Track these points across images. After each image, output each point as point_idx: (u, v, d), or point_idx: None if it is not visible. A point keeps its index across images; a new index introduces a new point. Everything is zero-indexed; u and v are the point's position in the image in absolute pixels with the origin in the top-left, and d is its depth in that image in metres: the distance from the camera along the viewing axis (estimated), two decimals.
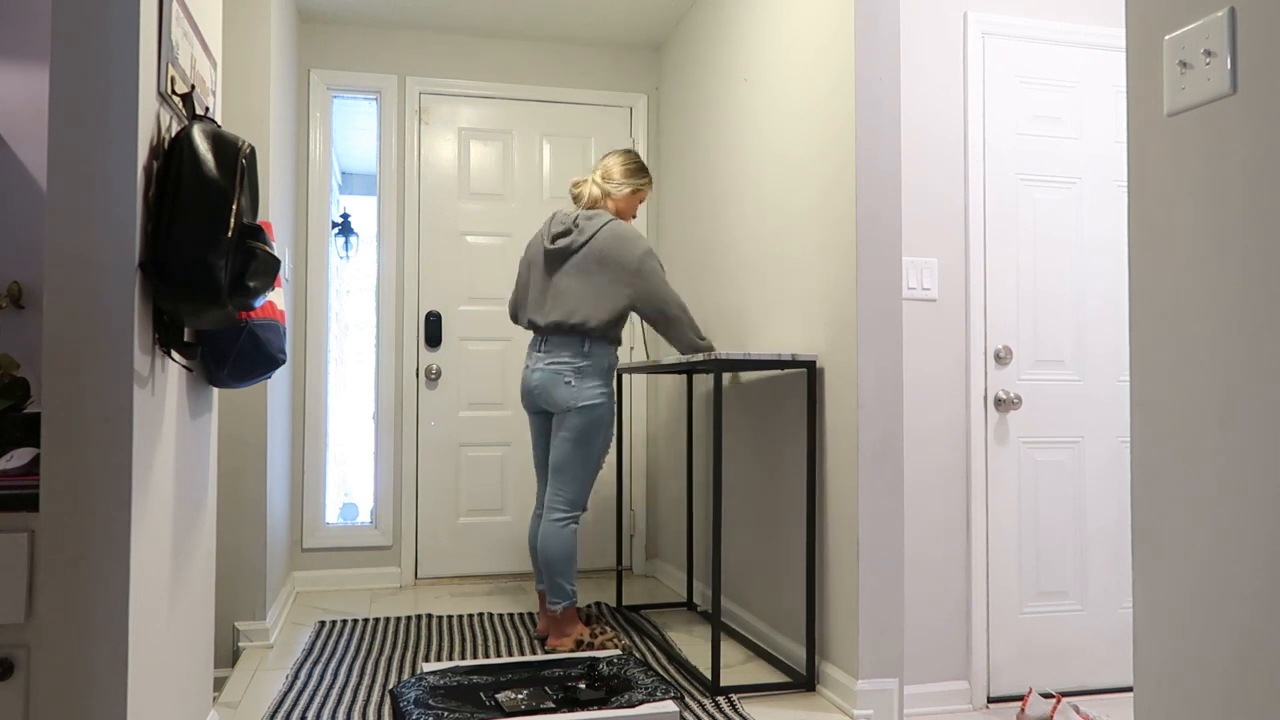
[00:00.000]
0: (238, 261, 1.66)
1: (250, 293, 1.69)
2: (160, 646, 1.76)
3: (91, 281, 1.50)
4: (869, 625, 2.55)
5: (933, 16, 2.87)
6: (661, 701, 2.52)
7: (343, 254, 5.99)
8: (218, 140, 1.68)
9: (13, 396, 1.77)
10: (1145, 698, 1.20)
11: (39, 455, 1.51)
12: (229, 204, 1.63)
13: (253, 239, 1.68)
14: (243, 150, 1.69)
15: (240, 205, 1.66)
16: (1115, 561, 2.97)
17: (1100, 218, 2.99)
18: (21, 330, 2.09)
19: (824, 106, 2.78)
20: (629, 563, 4.55)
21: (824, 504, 2.74)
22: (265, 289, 1.73)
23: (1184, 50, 1.13)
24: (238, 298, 1.67)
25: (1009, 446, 2.89)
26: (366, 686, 2.75)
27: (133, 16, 1.53)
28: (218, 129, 1.71)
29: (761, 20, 3.27)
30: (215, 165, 1.64)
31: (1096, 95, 3.00)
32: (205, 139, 1.66)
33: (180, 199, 1.60)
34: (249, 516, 3.17)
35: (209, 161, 1.63)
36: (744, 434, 3.35)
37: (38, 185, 2.11)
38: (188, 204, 1.60)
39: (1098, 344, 2.97)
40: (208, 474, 2.24)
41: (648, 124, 4.60)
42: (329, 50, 4.25)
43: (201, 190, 1.61)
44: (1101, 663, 2.95)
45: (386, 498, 4.26)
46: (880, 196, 2.61)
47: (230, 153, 1.67)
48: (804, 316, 2.90)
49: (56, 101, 1.50)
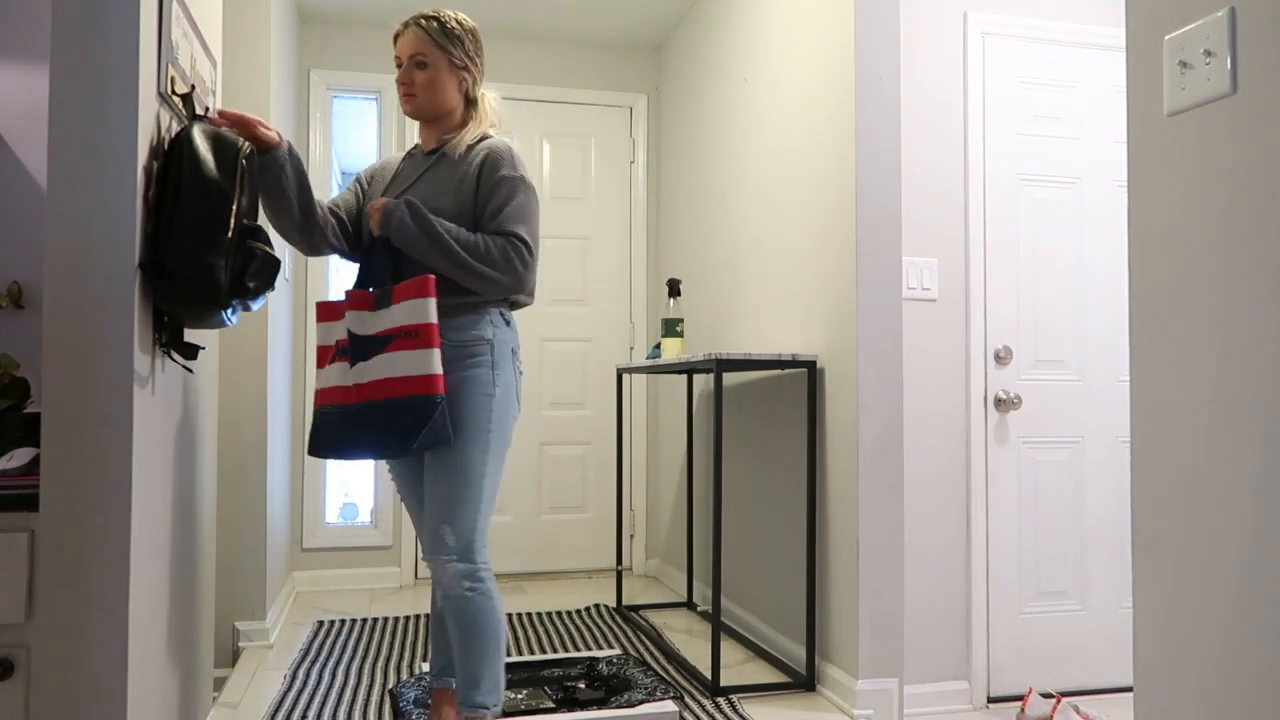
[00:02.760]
0: (238, 262, 1.66)
1: (250, 293, 1.69)
2: (160, 646, 1.76)
3: (91, 281, 1.50)
4: (869, 625, 2.55)
5: (933, 17, 2.87)
6: (661, 701, 2.52)
7: None
8: (218, 140, 1.68)
9: (13, 396, 1.77)
10: (1145, 698, 1.20)
11: (39, 455, 1.51)
12: (229, 204, 1.63)
13: (253, 239, 1.68)
14: (243, 150, 1.70)
15: (240, 205, 1.66)
16: (1115, 561, 2.97)
17: (1100, 218, 2.99)
18: (21, 330, 2.09)
19: (824, 106, 2.78)
20: (629, 563, 4.55)
21: (824, 504, 2.74)
22: (265, 289, 1.73)
23: (1184, 50, 1.13)
24: (237, 298, 1.68)
25: (1009, 446, 2.89)
26: (366, 686, 2.75)
27: (133, 16, 1.53)
28: (218, 129, 1.72)
29: (761, 21, 3.27)
30: (215, 166, 1.64)
31: (1096, 95, 3.00)
32: (205, 139, 1.66)
33: (180, 199, 1.60)
34: (249, 516, 3.17)
35: (209, 162, 1.63)
36: (744, 434, 3.35)
37: (38, 185, 2.11)
38: (188, 204, 1.60)
39: (1098, 344, 2.97)
40: (208, 474, 2.24)
41: (648, 124, 4.60)
42: (329, 50, 4.25)
43: (202, 190, 1.61)
44: (1101, 663, 2.95)
45: (386, 498, 4.26)
46: (880, 197, 2.61)
47: (230, 153, 1.67)
48: (804, 316, 2.90)
49: (56, 101, 1.49)
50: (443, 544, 1.95)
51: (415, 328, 1.88)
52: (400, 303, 1.91)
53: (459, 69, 2.11)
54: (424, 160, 2.15)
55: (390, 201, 1.98)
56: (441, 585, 1.97)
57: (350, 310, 1.97)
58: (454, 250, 1.95)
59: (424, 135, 2.19)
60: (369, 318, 1.95)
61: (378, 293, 1.96)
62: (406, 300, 1.91)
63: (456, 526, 1.94)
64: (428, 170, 2.11)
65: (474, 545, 1.96)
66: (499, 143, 2.09)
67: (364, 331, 1.95)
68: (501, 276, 1.99)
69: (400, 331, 1.90)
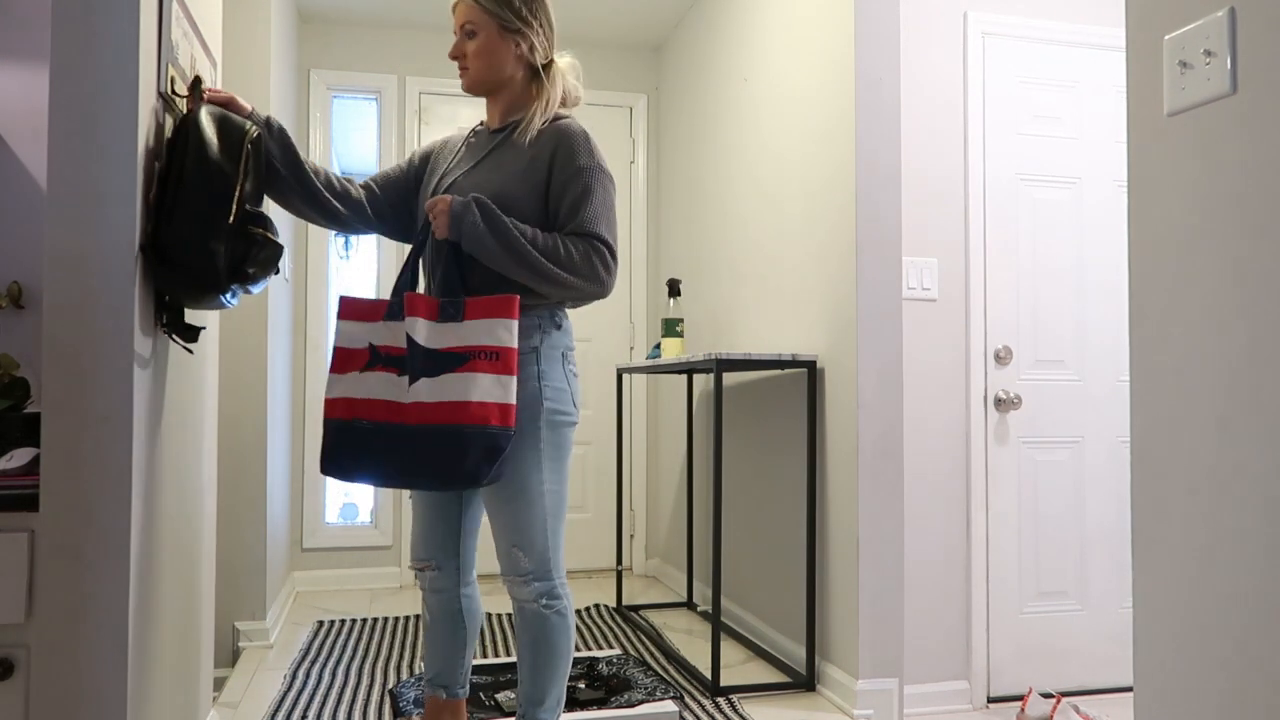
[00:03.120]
0: (239, 247, 1.62)
1: (249, 279, 1.65)
2: (160, 646, 1.76)
3: (91, 281, 1.50)
4: (869, 625, 2.55)
5: (933, 16, 2.87)
6: (661, 701, 2.52)
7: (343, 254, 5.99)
8: (224, 123, 1.65)
9: (13, 396, 1.77)
10: (1145, 698, 1.19)
11: (39, 455, 1.51)
12: (232, 188, 1.60)
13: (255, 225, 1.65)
14: (249, 135, 1.67)
15: (244, 190, 1.62)
16: (1115, 561, 2.97)
17: (1100, 218, 2.99)
18: (21, 330, 2.08)
19: (823, 106, 2.78)
20: (629, 563, 4.55)
21: (824, 504, 2.73)
22: (265, 276, 1.69)
23: (1184, 50, 1.13)
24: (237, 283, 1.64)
25: (1009, 446, 2.89)
26: (366, 686, 2.75)
27: (133, 16, 1.53)
28: (225, 112, 1.69)
29: (761, 20, 3.27)
30: (220, 149, 1.61)
31: (1096, 95, 3.00)
32: (212, 121, 1.64)
33: (183, 182, 1.57)
34: (249, 516, 3.17)
35: (213, 144, 1.61)
36: (744, 434, 3.35)
37: (38, 185, 2.11)
38: (190, 186, 1.57)
39: (1098, 344, 2.97)
40: (208, 474, 2.24)
41: (648, 124, 4.60)
42: (329, 50, 4.25)
43: (204, 173, 1.58)
44: (1101, 663, 2.95)
45: (386, 498, 4.26)
46: (880, 196, 2.61)
47: (236, 136, 1.65)
48: (804, 316, 2.90)
49: (56, 101, 1.49)
50: (517, 565, 1.85)
51: (497, 350, 1.71)
52: (478, 319, 1.73)
53: (511, 33, 1.87)
54: (488, 139, 1.94)
55: (456, 201, 1.77)
56: (517, 600, 1.88)
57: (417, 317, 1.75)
58: (534, 259, 1.75)
59: (489, 111, 1.98)
60: (438, 329, 1.74)
61: (444, 302, 1.75)
62: (486, 318, 1.73)
63: (528, 549, 1.83)
64: (492, 151, 1.90)
65: (550, 562, 1.85)
66: (573, 126, 1.87)
67: (433, 344, 1.73)
68: (584, 284, 1.80)
69: (480, 351, 1.72)
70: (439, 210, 1.78)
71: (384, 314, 1.81)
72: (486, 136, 1.96)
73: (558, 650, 1.88)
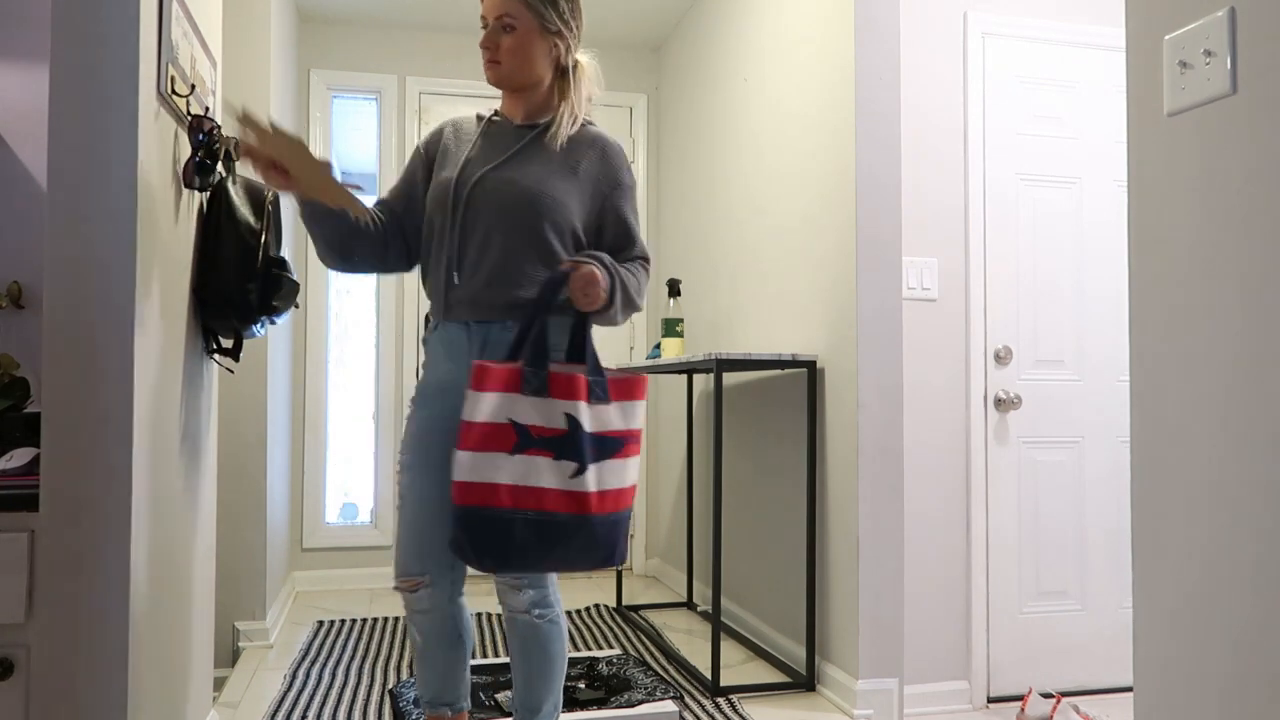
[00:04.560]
0: (266, 286, 2.02)
1: (275, 311, 2.06)
2: (160, 646, 1.76)
3: (91, 281, 1.50)
4: (869, 625, 2.55)
5: (932, 16, 2.87)
6: (661, 701, 2.52)
7: None
8: (249, 190, 2.07)
9: (13, 396, 1.77)
10: (1145, 698, 1.19)
11: (39, 455, 1.51)
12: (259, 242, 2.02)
13: (278, 269, 2.04)
14: (268, 197, 2.07)
15: (267, 240, 2.02)
16: (1115, 561, 2.97)
17: (1100, 218, 2.99)
18: (21, 330, 2.09)
19: (824, 106, 2.78)
20: (629, 563, 4.55)
21: (824, 504, 2.73)
22: (287, 308, 2.08)
23: (1184, 50, 1.13)
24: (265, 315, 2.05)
25: (1009, 446, 2.89)
26: (366, 686, 2.75)
27: (133, 16, 1.53)
28: (249, 180, 2.07)
29: (761, 21, 3.27)
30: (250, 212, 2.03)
31: (1096, 95, 3.00)
32: (240, 191, 2.04)
33: (221, 239, 1.99)
34: (249, 516, 3.17)
35: (243, 210, 2.02)
36: (744, 434, 3.35)
37: (38, 185, 2.11)
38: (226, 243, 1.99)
39: (1098, 344, 2.97)
40: (208, 474, 2.24)
41: (648, 124, 4.60)
42: (329, 50, 4.25)
43: (236, 232, 2.00)
44: (1101, 663, 2.95)
45: (386, 498, 4.26)
46: (880, 196, 2.61)
47: (259, 199, 2.06)
48: (804, 316, 2.90)
49: (56, 101, 1.49)
50: None
51: (637, 433, 1.74)
52: (623, 400, 1.72)
53: (552, 34, 1.82)
54: (515, 135, 1.87)
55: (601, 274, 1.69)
56: (510, 608, 1.85)
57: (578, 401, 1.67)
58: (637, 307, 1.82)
59: (508, 104, 1.91)
60: (593, 411, 1.68)
61: (593, 383, 1.68)
62: (629, 400, 1.73)
63: None
64: (526, 147, 1.84)
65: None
66: (610, 138, 1.88)
67: (595, 428, 1.67)
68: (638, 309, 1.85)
69: (631, 436, 1.73)
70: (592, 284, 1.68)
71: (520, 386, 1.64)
72: (512, 131, 1.88)
73: (552, 658, 1.86)
